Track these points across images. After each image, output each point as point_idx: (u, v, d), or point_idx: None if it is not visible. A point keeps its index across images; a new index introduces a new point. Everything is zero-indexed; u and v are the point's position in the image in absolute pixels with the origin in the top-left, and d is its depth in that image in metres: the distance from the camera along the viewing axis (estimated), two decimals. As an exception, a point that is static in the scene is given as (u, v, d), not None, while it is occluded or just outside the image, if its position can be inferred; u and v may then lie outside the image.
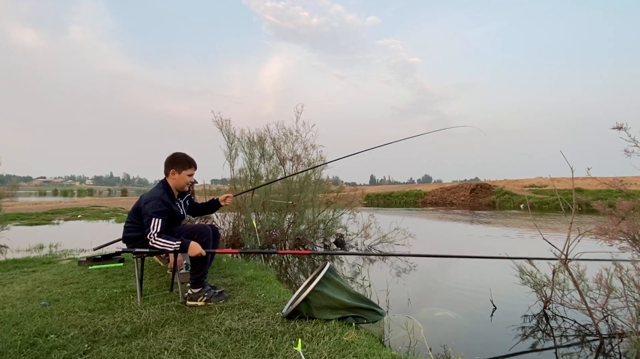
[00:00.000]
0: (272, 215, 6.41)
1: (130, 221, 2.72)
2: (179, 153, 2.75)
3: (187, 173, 2.71)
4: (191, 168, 2.73)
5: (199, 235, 2.63)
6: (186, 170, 2.70)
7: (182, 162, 2.70)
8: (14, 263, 4.52)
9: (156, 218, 2.50)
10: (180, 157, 2.72)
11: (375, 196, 27.68)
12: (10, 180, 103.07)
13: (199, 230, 2.67)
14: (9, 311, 2.54)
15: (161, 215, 2.53)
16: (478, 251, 6.44)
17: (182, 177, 2.69)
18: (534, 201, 17.91)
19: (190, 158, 2.75)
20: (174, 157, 2.72)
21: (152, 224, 2.50)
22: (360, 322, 2.28)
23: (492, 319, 3.02)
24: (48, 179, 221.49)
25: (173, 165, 2.69)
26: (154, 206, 2.53)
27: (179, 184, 2.71)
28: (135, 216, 2.71)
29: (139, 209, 2.67)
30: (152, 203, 2.55)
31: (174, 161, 2.70)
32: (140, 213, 2.65)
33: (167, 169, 2.71)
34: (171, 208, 2.62)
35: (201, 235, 2.64)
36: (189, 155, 2.77)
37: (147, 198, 2.61)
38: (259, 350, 1.85)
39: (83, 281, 3.42)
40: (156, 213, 2.51)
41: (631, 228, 2.30)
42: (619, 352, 2.34)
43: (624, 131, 2.26)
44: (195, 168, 2.77)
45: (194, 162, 2.76)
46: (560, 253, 2.73)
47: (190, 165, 2.73)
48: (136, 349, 1.89)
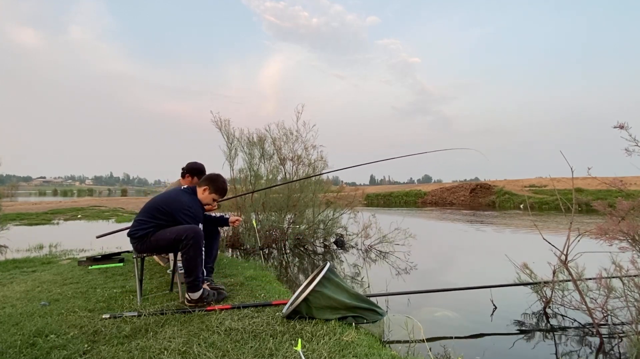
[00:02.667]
0: (272, 215, 6.41)
1: (144, 219, 2.61)
2: (222, 177, 2.84)
3: (214, 198, 2.79)
4: (221, 196, 2.83)
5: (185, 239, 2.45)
6: (216, 195, 2.78)
7: (220, 188, 2.79)
8: (13, 263, 4.51)
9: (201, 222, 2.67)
10: (221, 182, 2.80)
11: (375, 196, 27.68)
12: (10, 180, 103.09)
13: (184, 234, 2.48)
14: (8, 311, 2.54)
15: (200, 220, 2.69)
16: (478, 251, 6.44)
17: (208, 197, 2.77)
18: (534, 201, 17.91)
19: (227, 188, 2.87)
20: (216, 178, 2.80)
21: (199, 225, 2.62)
22: (360, 322, 2.28)
23: (492, 319, 3.02)
24: (48, 179, 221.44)
25: (210, 183, 2.77)
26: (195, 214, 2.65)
27: (204, 201, 2.79)
28: (155, 214, 2.61)
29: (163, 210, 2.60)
30: (194, 210, 2.65)
31: (213, 181, 2.78)
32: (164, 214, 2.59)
33: (202, 183, 2.78)
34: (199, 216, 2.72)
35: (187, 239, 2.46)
36: (227, 184, 2.89)
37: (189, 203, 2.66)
38: (259, 350, 1.85)
39: (83, 281, 3.42)
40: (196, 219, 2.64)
41: (631, 228, 2.30)
42: (619, 352, 2.34)
43: (624, 130, 2.26)
44: (223, 196, 2.86)
45: (226, 191, 2.88)
46: (560, 253, 2.73)
47: (223, 194, 2.84)
48: (136, 349, 1.88)
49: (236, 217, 3.09)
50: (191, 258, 2.48)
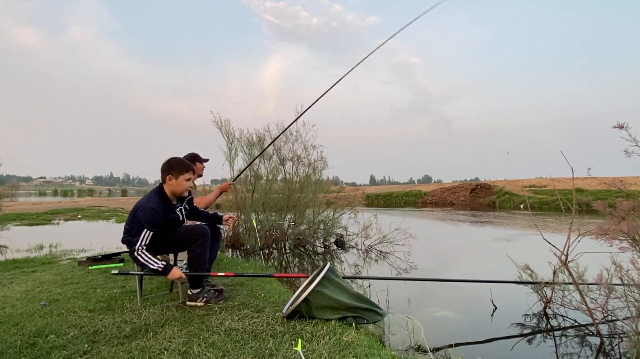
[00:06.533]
0: (272, 215, 6.41)
1: (129, 225, 2.63)
2: (175, 158, 2.65)
3: (185, 178, 2.59)
4: (188, 173, 2.61)
5: (195, 236, 2.58)
6: (183, 174, 2.58)
7: (179, 167, 2.59)
8: (14, 263, 4.52)
9: (148, 230, 2.43)
10: (177, 162, 2.61)
11: (375, 197, 27.66)
12: (10, 180, 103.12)
13: (196, 232, 2.62)
14: (8, 312, 2.54)
15: (153, 228, 2.45)
16: (478, 252, 6.44)
17: (179, 182, 2.58)
18: (534, 202, 17.90)
19: (187, 163, 2.64)
20: (169, 163, 2.61)
21: (141, 235, 2.42)
22: (360, 322, 2.27)
23: (492, 319, 3.02)
24: (48, 179, 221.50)
25: (169, 171, 2.57)
26: (148, 218, 2.44)
27: (178, 190, 2.60)
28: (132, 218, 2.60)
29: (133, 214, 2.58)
30: (147, 214, 2.44)
31: (170, 167, 2.59)
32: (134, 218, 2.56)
33: (163, 175, 2.59)
34: (166, 218, 2.54)
35: (197, 236, 2.59)
36: (185, 160, 2.66)
37: (143, 205, 2.50)
38: (259, 350, 1.85)
39: (83, 281, 3.43)
40: (149, 224, 2.43)
41: (631, 228, 2.30)
42: (619, 352, 2.34)
43: (624, 130, 2.26)
44: (193, 172, 2.67)
45: (191, 166, 2.65)
46: (560, 254, 2.73)
47: (188, 169, 2.61)
48: (136, 349, 1.88)
49: (229, 215, 3.02)
50: (198, 255, 2.61)
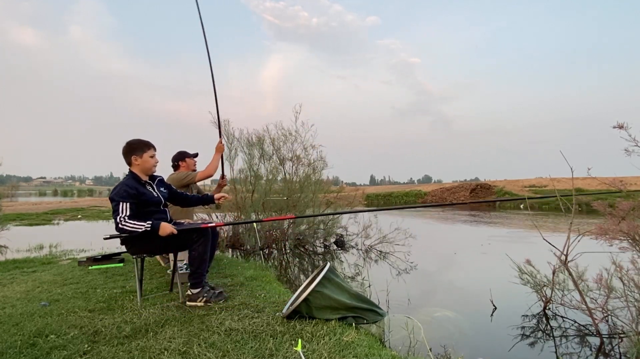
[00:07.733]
0: (272, 215, 6.41)
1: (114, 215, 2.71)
2: (134, 139, 2.74)
3: (149, 155, 2.70)
4: (150, 149, 2.72)
5: (196, 236, 2.62)
6: (146, 152, 2.69)
7: (140, 146, 2.70)
8: (14, 263, 4.52)
9: (123, 202, 2.50)
10: (137, 142, 2.72)
11: (375, 197, 27.65)
12: (10, 180, 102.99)
13: (197, 231, 2.66)
14: (9, 312, 2.54)
15: (127, 199, 2.52)
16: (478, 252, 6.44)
17: (145, 160, 2.69)
18: (534, 202, 17.88)
19: (146, 141, 2.75)
20: (129, 144, 2.71)
21: (119, 208, 2.49)
22: (360, 322, 2.28)
23: (492, 319, 3.02)
24: (48, 179, 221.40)
25: (132, 152, 2.68)
26: (119, 192, 2.53)
27: (145, 168, 2.70)
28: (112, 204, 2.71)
29: None
30: (117, 190, 2.56)
31: (132, 148, 2.69)
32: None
33: (127, 159, 2.69)
34: (138, 191, 2.61)
35: (198, 236, 2.62)
36: (143, 139, 2.77)
37: (113, 188, 2.62)
38: (259, 350, 1.85)
39: (83, 281, 3.43)
40: (122, 197, 2.51)
41: (631, 228, 2.30)
42: (619, 352, 2.34)
43: (624, 130, 2.26)
44: (154, 149, 2.77)
45: (150, 143, 2.76)
46: (560, 253, 2.73)
47: (149, 146, 2.73)
48: (136, 349, 1.88)
49: (222, 194, 3.10)
50: (199, 254, 2.63)
